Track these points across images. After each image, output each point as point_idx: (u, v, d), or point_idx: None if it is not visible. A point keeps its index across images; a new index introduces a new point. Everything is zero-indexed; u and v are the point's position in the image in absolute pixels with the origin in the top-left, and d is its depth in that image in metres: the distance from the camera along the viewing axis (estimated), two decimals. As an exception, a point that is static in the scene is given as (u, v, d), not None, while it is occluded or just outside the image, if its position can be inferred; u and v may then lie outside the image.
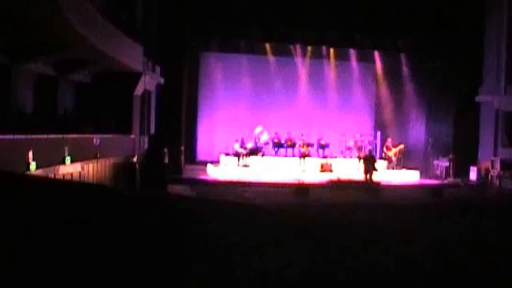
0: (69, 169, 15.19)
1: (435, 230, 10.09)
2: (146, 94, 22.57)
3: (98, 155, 17.71)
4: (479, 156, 25.02)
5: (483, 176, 24.05)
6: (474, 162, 24.75)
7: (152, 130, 23.58)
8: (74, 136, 15.95)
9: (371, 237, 6.28)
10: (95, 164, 17.54)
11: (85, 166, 16.59)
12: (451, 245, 6.66)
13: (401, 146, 25.25)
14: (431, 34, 24.68)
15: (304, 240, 5.57)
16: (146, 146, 22.40)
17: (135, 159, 20.84)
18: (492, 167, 23.84)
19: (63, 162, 14.82)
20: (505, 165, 23.40)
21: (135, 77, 20.90)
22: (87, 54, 17.11)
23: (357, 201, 17.25)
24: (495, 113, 24.77)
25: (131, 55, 19.92)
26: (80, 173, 16.08)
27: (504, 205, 17.69)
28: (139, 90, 21.49)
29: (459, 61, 24.53)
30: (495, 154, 24.38)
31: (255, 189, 19.86)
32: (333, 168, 23.88)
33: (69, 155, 15.03)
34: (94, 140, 17.93)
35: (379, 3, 23.93)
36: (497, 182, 23.40)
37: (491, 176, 23.75)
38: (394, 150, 25.04)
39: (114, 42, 17.93)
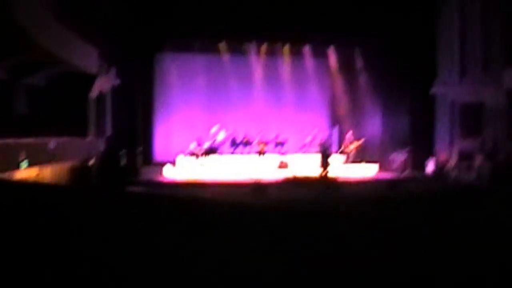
0: (25, 174, 15.04)
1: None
2: (101, 96, 22.39)
3: (54, 159, 17.55)
4: (436, 148, 25.50)
5: (440, 168, 24.56)
6: (431, 154, 25.23)
7: (108, 132, 23.41)
8: (30, 140, 15.78)
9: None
10: (51, 168, 17.38)
11: (41, 171, 16.42)
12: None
13: (361, 141, 25.68)
14: (384, 28, 25.04)
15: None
16: (102, 148, 22.24)
17: (91, 162, 20.71)
18: (449, 158, 24.35)
19: (19, 167, 14.67)
20: (462, 156, 23.92)
21: (90, 79, 20.72)
22: (41, 57, 16.91)
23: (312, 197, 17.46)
24: (450, 105, 25.28)
25: (85, 58, 19.78)
26: (36, 177, 15.92)
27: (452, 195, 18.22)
28: (94, 93, 21.32)
29: (413, 54, 24.85)
30: (451, 146, 24.90)
31: (213, 189, 19.95)
32: (290, 165, 24.15)
33: (25, 159, 14.89)
34: (50, 144, 17.78)
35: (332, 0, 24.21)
36: (454, 173, 23.83)
37: (448, 167, 24.26)
38: (354, 144, 25.49)
39: (68, 45, 17.80)
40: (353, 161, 25.34)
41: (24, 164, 14.83)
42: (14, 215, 5.71)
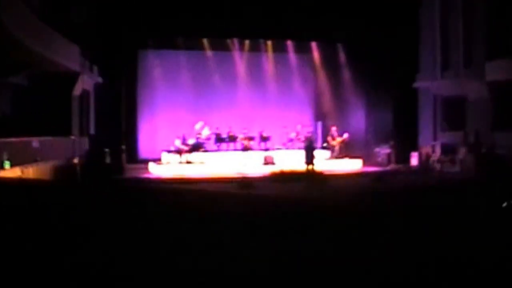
0: (8, 173, 14.92)
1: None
2: (84, 94, 22.30)
3: (38, 159, 17.45)
4: (419, 141, 25.77)
5: (424, 161, 24.82)
6: (415, 148, 25.47)
7: (92, 131, 23.30)
8: (13, 140, 15.67)
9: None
10: (35, 168, 17.26)
11: (25, 170, 16.30)
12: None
13: (345, 136, 25.75)
14: (367, 23, 25.09)
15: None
16: (86, 147, 22.13)
17: (76, 161, 20.61)
18: (433, 151, 24.60)
19: (2, 167, 14.56)
20: (445, 149, 24.17)
21: (73, 77, 20.68)
22: (24, 56, 16.78)
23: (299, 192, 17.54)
24: (433, 99, 25.63)
25: (68, 56, 19.71)
26: (19, 177, 15.79)
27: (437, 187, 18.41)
28: (77, 91, 21.23)
29: (395, 48, 25.01)
30: (435, 139, 25.20)
31: (199, 185, 19.91)
32: (276, 160, 24.20)
33: (8, 159, 14.77)
34: (33, 143, 17.67)
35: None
36: (438, 166, 24.11)
37: (432, 160, 24.48)
38: (338, 139, 25.60)
39: (50, 44, 17.72)
40: (338, 156, 25.44)
41: (7, 163, 14.70)
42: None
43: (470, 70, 24.18)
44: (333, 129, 25.97)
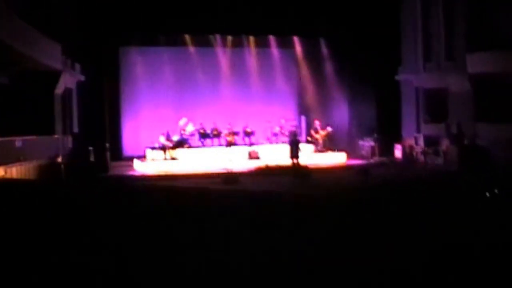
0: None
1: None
2: (67, 92, 22.22)
3: (21, 158, 17.37)
4: (402, 133, 26.05)
5: (408, 153, 25.06)
6: (399, 140, 25.75)
7: (76, 129, 23.21)
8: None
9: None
10: (18, 168, 17.21)
11: (8, 170, 16.27)
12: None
13: (329, 129, 25.88)
14: (348, 17, 25.29)
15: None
16: (70, 145, 22.05)
17: (59, 160, 20.54)
18: (416, 143, 24.86)
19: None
20: (428, 141, 24.44)
21: (55, 75, 20.60)
22: (5, 55, 16.67)
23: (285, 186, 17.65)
24: (415, 91, 25.86)
25: (50, 54, 19.65)
26: (3, 177, 15.73)
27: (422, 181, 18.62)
28: (59, 89, 21.17)
29: (377, 42, 25.17)
30: (418, 131, 25.46)
31: (184, 181, 19.91)
32: (260, 155, 24.30)
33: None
34: (16, 143, 17.61)
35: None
36: (422, 158, 24.38)
37: (416, 152, 24.75)
38: (321, 133, 25.74)
39: (31, 42, 17.66)
40: (322, 150, 25.58)
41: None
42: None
43: (451, 63, 24.46)
44: (316, 122, 26.11)
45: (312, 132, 26.02)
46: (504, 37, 22.61)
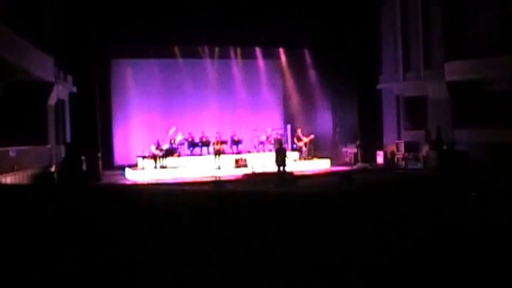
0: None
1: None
2: (59, 103, 22.64)
3: (15, 167, 17.74)
4: (384, 140, 26.73)
5: (389, 159, 25.82)
6: (380, 147, 26.46)
7: (68, 139, 23.63)
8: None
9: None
10: (12, 177, 17.44)
11: (2, 179, 16.49)
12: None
13: (311, 136, 26.47)
14: (330, 28, 26.05)
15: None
16: (63, 155, 22.46)
17: (53, 169, 20.94)
18: (397, 149, 25.55)
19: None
20: (409, 147, 25.18)
21: (48, 87, 20.96)
22: (-1, 68, 17.13)
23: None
24: (396, 99, 26.64)
25: (42, 66, 20.01)
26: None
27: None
28: (52, 100, 21.56)
29: (359, 52, 26.07)
30: (399, 138, 26.19)
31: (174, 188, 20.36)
32: (247, 163, 24.88)
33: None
34: (10, 153, 17.92)
35: (280, 3, 24.95)
36: (403, 164, 25.10)
37: (397, 158, 25.46)
38: (304, 140, 26.41)
39: (24, 54, 17.98)
40: (307, 157, 26.25)
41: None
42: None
43: (430, 71, 25.21)
44: (299, 131, 26.80)
45: (295, 140, 26.69)
46: (480, 45, 23.36)
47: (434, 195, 14.11)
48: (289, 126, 28.60)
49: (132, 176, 23.39)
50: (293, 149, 26.55)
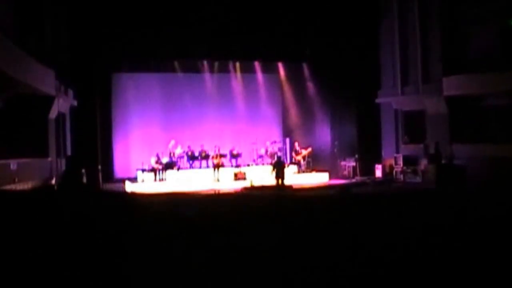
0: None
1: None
2: (60, 117, 22.77)
3: (16, 180, 17.83)
4: (383, 154, 26.83)
5: (388, 173, 25.89)
6: (379, 160, 26.54)
7: (69, 152, 23.75)
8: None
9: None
10: (13, 189, 17.59)
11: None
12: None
13: (309, 150, 26.67)
14: (329, 43, 26.22)
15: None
16: (63, 167, 22.56)
17: (53, 181, 21.02)
18: (396, 163, 25.63)
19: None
20: (407, 160, 25.23)
21: (49, 101, 21.06)
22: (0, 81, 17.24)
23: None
24: (394, 113, 26.78)
25: (43, 80, 20.11)
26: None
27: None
28: (53, 114, 21.68)
29: (357, 66, 26.20)
30: (397, 151, 26.29)
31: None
32: (246, 176, 24.97)
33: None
34: (11, 165, 18.01)
35: (280, 18, 25.19)
36: (401, 177, 25.14)
37: (395, 172, 25.52)
38: (303, 153, 26.54)
39: (26, 68, 18.11)
40: (305, 170, 26.35)
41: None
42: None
43: (428, 86, 25.31)
44: (296, 144, 26.95)
45: (293, 154, 26.82)
46: (478, 61, 23.51)
47: (432, 208, 14.16)
48: (288, 140, 28.73)
49: (132, 189, 23.43)
50: (291, 163, 26.64)
